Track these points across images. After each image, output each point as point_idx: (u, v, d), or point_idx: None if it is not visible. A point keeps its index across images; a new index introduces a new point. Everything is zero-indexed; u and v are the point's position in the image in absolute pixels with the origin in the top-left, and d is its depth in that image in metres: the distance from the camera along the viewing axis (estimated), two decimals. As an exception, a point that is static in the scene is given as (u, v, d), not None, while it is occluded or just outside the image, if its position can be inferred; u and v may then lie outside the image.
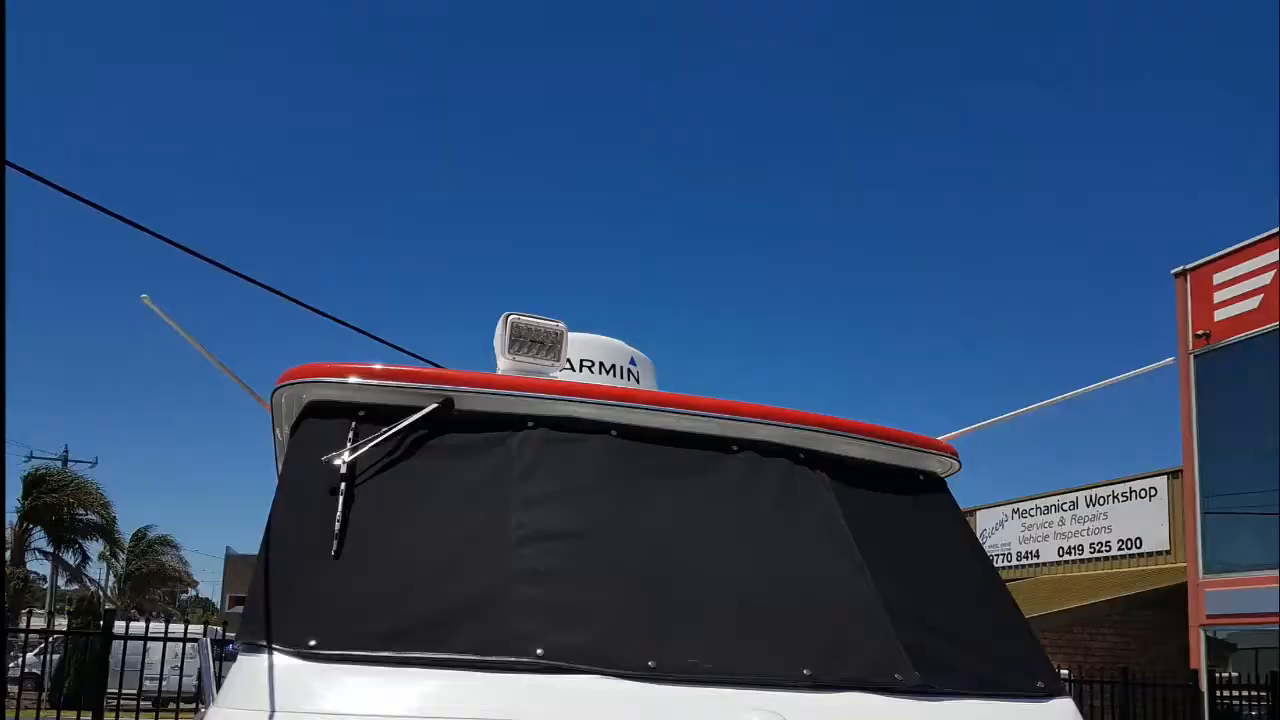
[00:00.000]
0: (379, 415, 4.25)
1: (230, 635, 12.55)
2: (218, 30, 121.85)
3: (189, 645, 14.06)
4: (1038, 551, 31.95)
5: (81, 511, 54.84)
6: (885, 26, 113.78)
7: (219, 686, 3.61)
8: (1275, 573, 20.55)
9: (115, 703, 15.12)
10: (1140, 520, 28.57)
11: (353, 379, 4.33)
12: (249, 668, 3.46)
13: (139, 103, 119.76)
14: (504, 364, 5.00)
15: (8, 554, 48.40)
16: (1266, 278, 22.37)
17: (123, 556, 63.64)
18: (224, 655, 11.77)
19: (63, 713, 13.45)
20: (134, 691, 14.15)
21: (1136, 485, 28.87)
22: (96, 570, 62.84)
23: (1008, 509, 33.44)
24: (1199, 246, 25.64)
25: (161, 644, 14.24)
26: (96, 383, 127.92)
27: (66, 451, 64.22)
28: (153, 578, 65.58)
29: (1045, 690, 4.23)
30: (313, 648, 3.49)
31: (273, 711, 3.28)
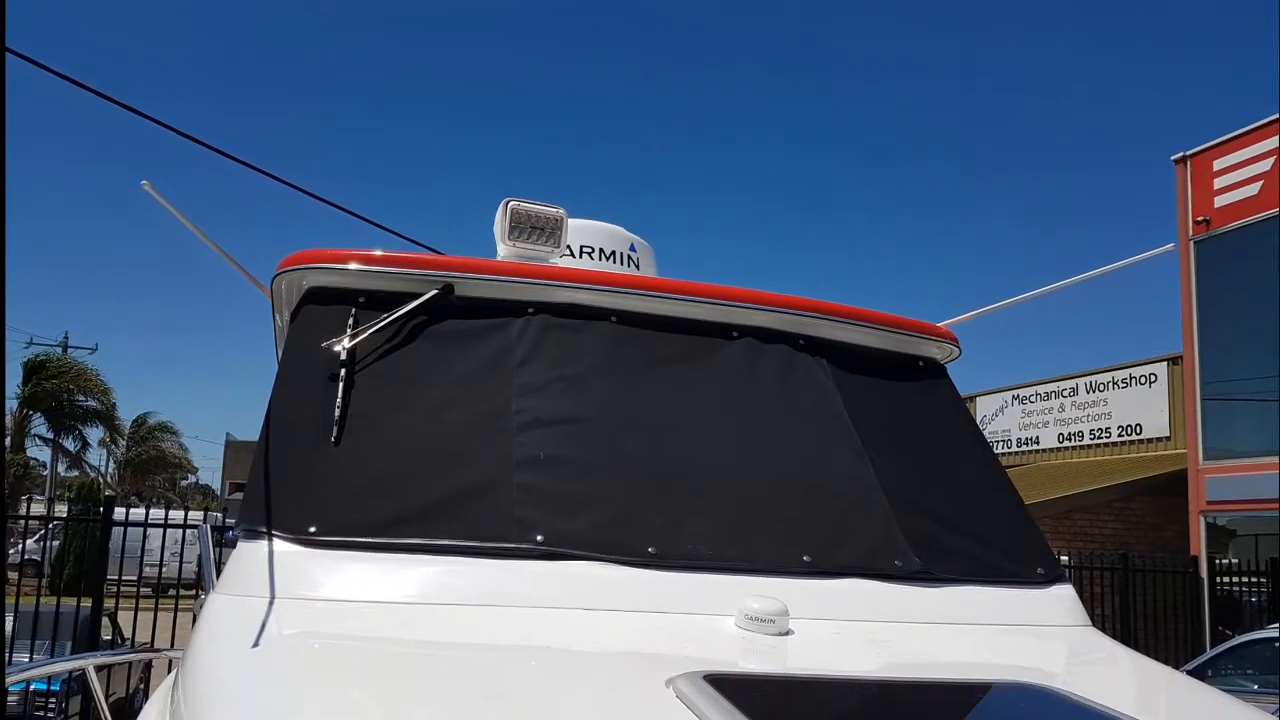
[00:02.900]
0: (379, 301, 4.23)
1: (230, 522, 12.56)
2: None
3: (189, 532, 14.10)
4: (1038, 438, 32.05)
5: (81, 398, 55.16)
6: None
7: (219, 573, 3.60)
8: (1275, 458, 20.63)
9: (115, 589, 15.21)
10: (1140, 406, 28.64)
11: (353, 265, 4.30)
12: (249, 554, 3.44)
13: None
14: (504, 250, 4.96)
15: (8, 440, 48.59)
16: (1267, 164, 22.25)
17: (123, 443, 64.01)
18: (224, 542, 11.77)
19: (63, 599, 13.49)
20: (134, 578, 14.22)
21: (1137, 371, 28.91)
22: (96, 456, 63.32)
23: (1008, 395, 33.47)
24: (1200, 133, 25.54)
25: (161, 530, 14.28)
26: (97, 269, 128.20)
27: (66, 337, 64.47)
28: (153, 464, 65.97)
29: (1045, 576, 4.24)
30: (312, 534, 3.48)
31: (272, 598, 3.27)
